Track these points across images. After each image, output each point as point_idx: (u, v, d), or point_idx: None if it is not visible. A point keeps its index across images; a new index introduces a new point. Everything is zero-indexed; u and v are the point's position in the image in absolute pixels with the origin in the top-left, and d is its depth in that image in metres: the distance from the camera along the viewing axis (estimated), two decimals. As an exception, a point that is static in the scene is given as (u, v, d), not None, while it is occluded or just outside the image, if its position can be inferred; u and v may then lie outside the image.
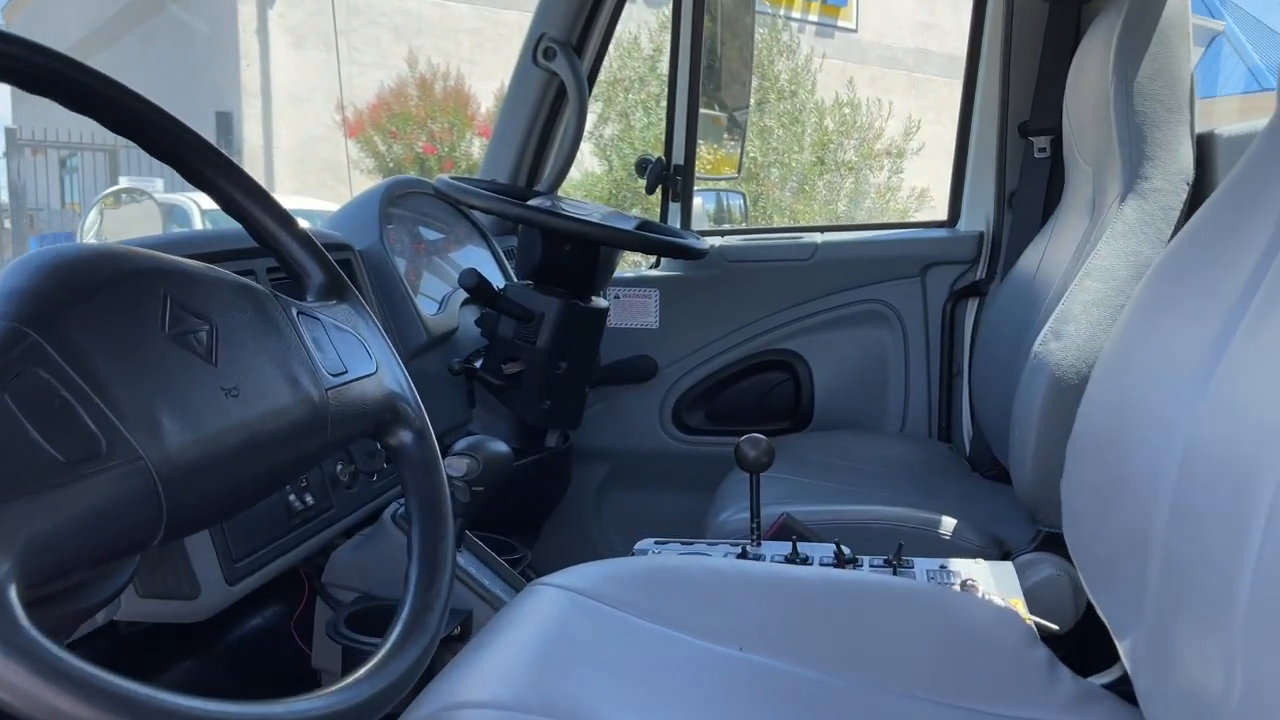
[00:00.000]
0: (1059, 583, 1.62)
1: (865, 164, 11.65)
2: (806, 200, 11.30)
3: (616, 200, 11.11)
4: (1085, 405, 0.86)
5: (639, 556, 1.17)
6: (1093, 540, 0.81)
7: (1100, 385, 0.83)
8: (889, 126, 11.88)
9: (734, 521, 1.72)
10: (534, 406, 1.93)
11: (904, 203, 11.95)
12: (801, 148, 11.17)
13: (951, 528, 1.65)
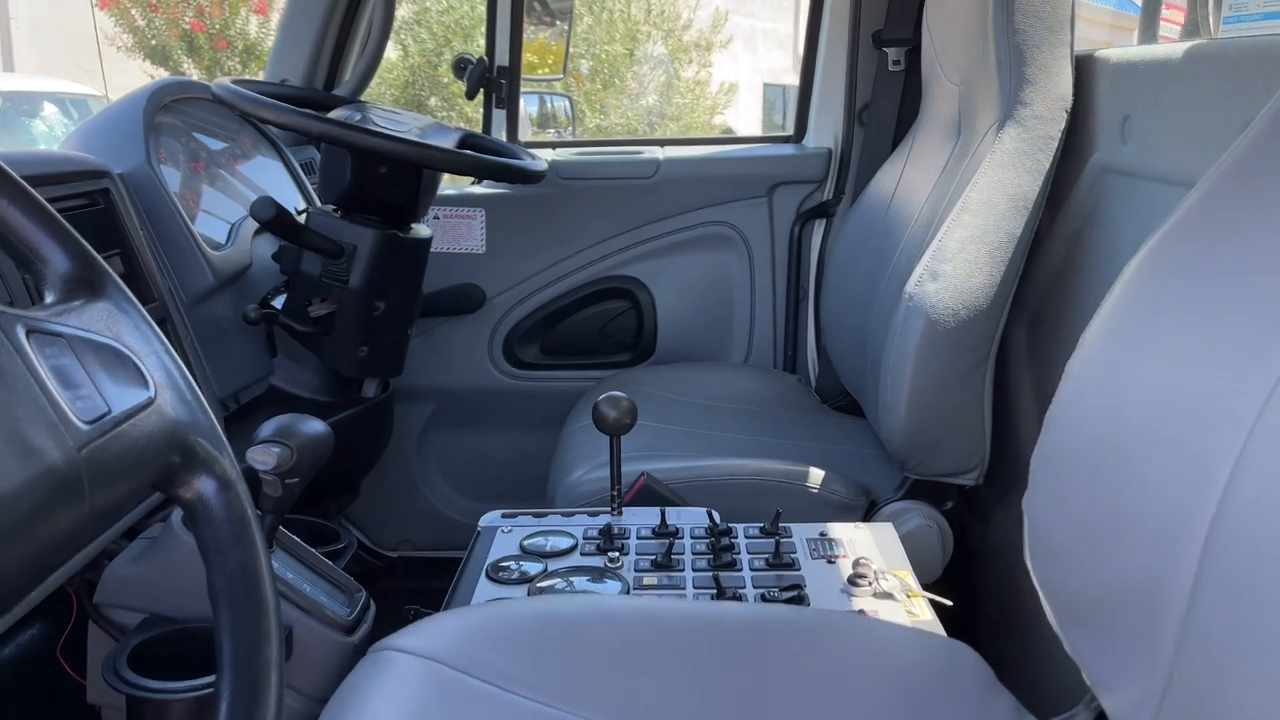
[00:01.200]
0: (929, 533, 1.55)
1: (675, 58, 11.41)
2: (617, 95, 11.00)
3: (413, 92, 10.43)
4: (1061, 412, 0.72)
5: (507, 603, 0.97)
6: (1073, 576, 0.68)
7: (1084, 393, 0.69)
8: (697, 18, 11.66)
9: (588, 484, 1.55)
10: (348, 354, 1.67)
11: (713, 98, 11.84)
12: (612, 38, 10.80)
13: (819, 480, 1.54)
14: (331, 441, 1.18)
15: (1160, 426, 0.61)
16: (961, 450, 1.53)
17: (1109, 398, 0.66)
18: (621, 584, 1.19)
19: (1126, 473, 0.62)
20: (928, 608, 1.14)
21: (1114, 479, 0.63)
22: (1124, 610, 0.63)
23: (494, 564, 1.25)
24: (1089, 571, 0.66)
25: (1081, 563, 0.67)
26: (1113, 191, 1.43)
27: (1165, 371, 0.62)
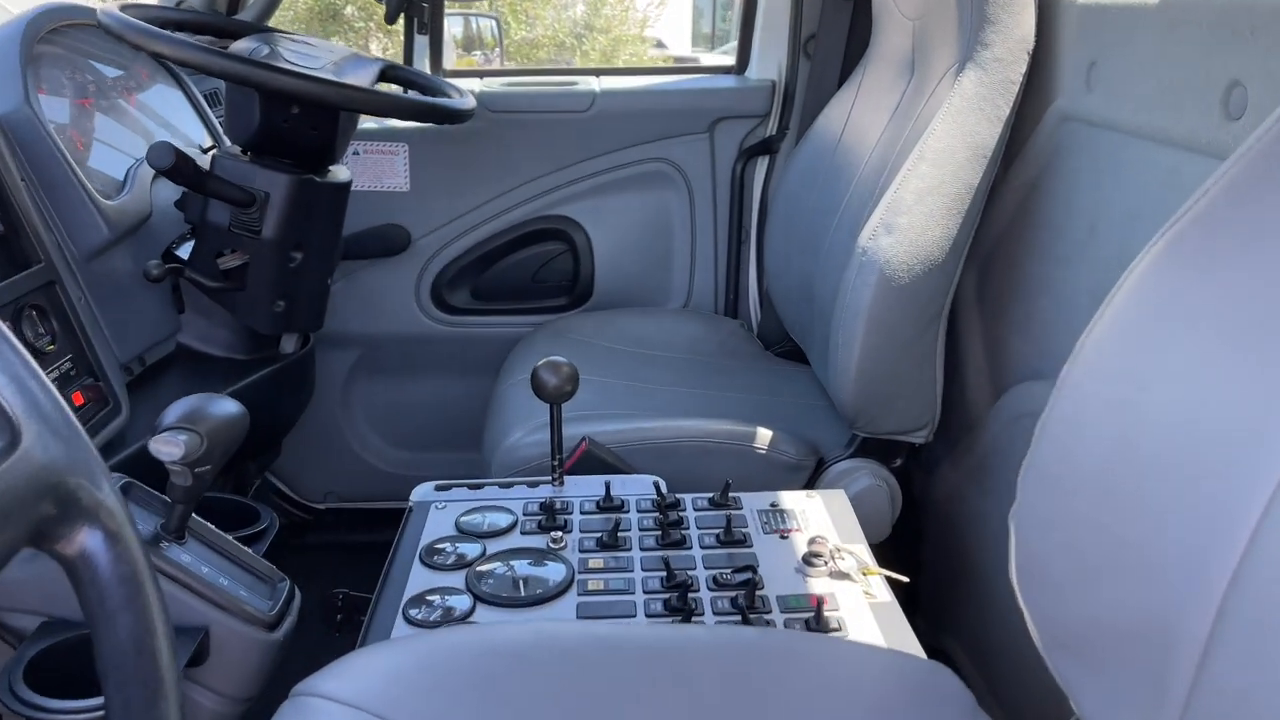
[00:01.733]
0: (878, 493, 1.51)
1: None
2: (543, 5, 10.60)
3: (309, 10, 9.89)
4: (1058, 426, 0.66)
5: (445, 635, 0.88)
6: (1066, 604, 0.63)
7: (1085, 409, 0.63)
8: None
9: (527, 448, 1.47)
10: (263, 310, 1.55)
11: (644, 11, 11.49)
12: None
13: (767, 440, 1.48)
14: (246, 423, 1.08)
15: (1177, 456, 0.55)
16: (913, 408, 1.49)
17: (1115, 417, 0.59)
18: (565, 566, 1.12)
19: (1135, 503, 0.57)
20: (885, 587, 1.09)
21: (1120, 508, 0.58)
22: (1125, 647, 0.58)
23: (428, 546, 1.17)
24: (1085, 602, 0.61)
25: (1077, 592, 0.61)
26: (1074, 140, 1.36)
27: (1184, 392, 0.56)
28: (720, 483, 1.43)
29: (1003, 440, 1.50)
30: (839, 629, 1.01)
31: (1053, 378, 1.40)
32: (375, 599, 1.10)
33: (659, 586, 1.09)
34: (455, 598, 1.07)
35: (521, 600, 1.06)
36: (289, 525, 2.21)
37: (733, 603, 1.05)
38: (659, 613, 1.04)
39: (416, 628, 1.03)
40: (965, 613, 1.69)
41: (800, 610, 1.04)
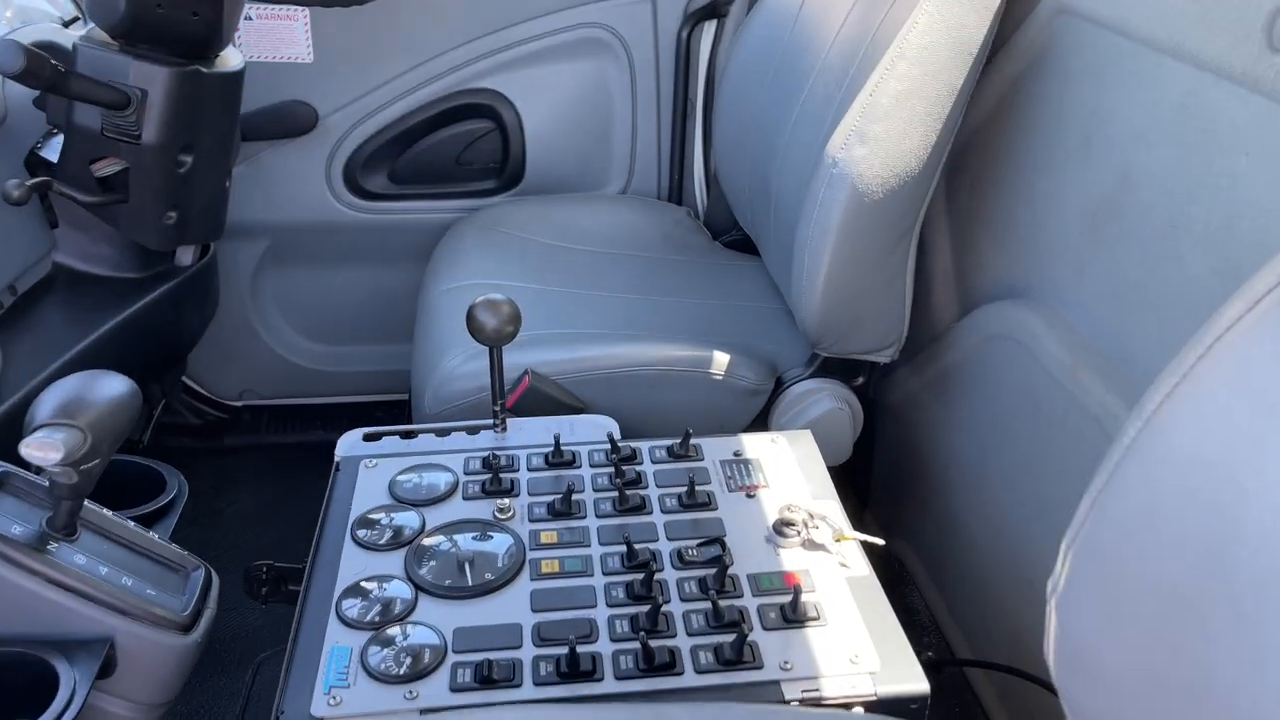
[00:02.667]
0: (839, 416, 1.43)
1: None
2: None
3: None
4: (1125, 500, 0.55)
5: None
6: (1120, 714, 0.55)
7: (1165, 483, 0.52)
8: None
9: (463, 379, 1.34)
10: (151, 224, 1.36)
11: None
12: None
13: (724, 366, 1.37)
14: (137, 402, 0.92)
15: None
16: (879, 328, 1.39)
17: (1202, 521, 0.49)
18: (514, 541, 1.02)
19: (1228, 632, 0.47)
20: (861, 557, 1.02)
21: (1206, 632, 0.48)
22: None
23: (361, 519, 1.05)
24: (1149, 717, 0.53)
25: (1137, 706, 0.53)
26: (1071, 38, 1.22)
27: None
28: (675, 414, 1.32)
29: (969, 357, 1.41)
30: (817, 617, 0.93)
31: (1029, 299, 1.31)
32: (304, 589, 0.98)
33: (619, 566, 0.99)
34: (394, 586, 0.97)
35: (468, 590, 0.96)
36: (204, 426, 2.06)
37: (701, 586, 0.97)
38: (622, 601, 0.95)
39: (352, 629, 0.92)
40: (917, 517, 1.66)
41: (774, 592, 0.96)
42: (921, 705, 0.88)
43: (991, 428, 1.36)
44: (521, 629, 0.92)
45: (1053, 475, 1.21)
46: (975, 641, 1.47)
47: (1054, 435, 1.20)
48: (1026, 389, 1.26)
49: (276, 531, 1.81)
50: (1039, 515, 1.24)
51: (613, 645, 0.90)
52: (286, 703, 0.86)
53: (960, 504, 1.47)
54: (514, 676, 0.87)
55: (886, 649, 0.91)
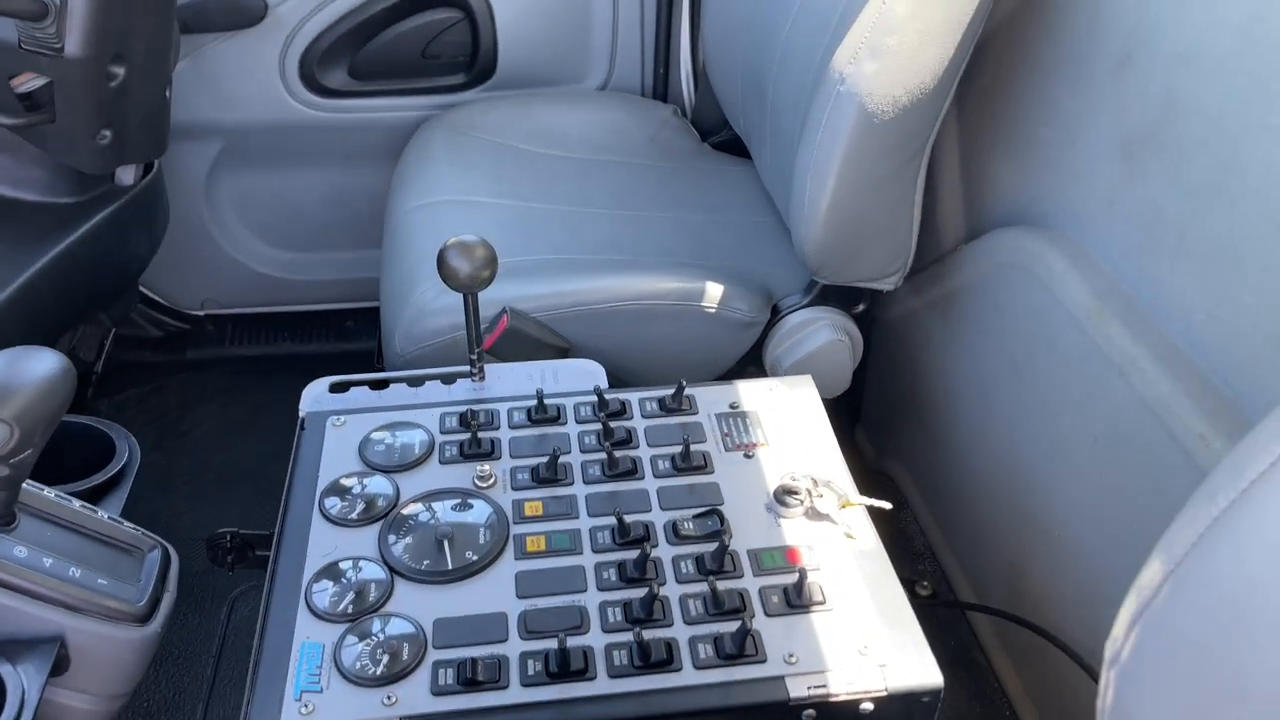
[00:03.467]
0: (839, 348, 1.35)
1: None
2: None
3: None
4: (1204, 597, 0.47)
5: None
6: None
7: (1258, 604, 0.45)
8: None
9: (435, 317, 1.24)
10: (83, 145, 1.23)
11: None
12: None
13: (718, 297, 1.28)
14: (70, 379, 0.83)
15: None
16: (884, 255, 1.29)
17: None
18: (496, 513, 0.95)
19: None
20: (868, 526, 0.95)
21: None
22: None
23: (331, 487, 0.98)
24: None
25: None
26: (1111, -64, 1.08)
27: None
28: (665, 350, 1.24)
29: (976, 283, 1.32)
30: (823, 601, 0.87)
31: (1048, 228, 1.21)
32: (271, 572, 0.91)
33: (610, 542, 0.92)
34: (367, 569, 0.90)
35: (448, 574, 0.89)
36: (166, 338, 1.96)
37: (698, 565, 0.90)
38: (614, 584, 0.88)
39: (324, 621, 0.86)
40: (912, 438, 1.60)
41: (777, 570, 0.90)
42: (934, 699, 0.83)
43: (999, 358, 1.28)
44: (507, 620, 0.85)
45: (1066, 416, 1.14)
46: (973, 573, 1.43)
47: (1070, 377, 1.12)
48: (1040, 324, 1.18)
49: (247, 453, 1.74)
50: (1048, 455, 1.18)
51: (605, 638, 0.84)
52: (255, 712, 0.79)
53: (961, 431, 1.40)
54: (500, 677, 0.81)
55: (897, 637, 0.85)
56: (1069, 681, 1.17)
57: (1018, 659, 1.32)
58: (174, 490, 1.67)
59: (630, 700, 0.80)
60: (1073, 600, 1.16)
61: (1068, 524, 1.15)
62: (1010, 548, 1.30)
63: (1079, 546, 1.14)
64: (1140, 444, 1.01)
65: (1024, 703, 1.29)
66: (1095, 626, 1.11)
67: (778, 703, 0.80)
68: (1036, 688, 1.27)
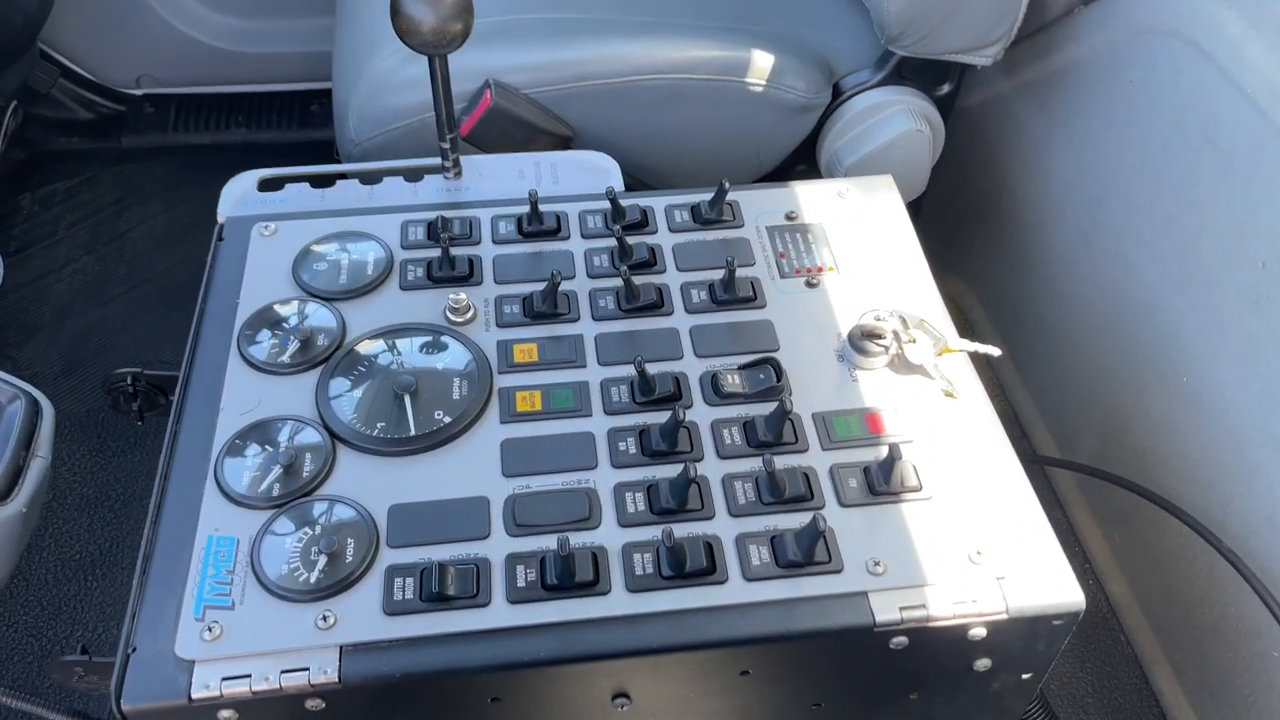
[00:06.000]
0: (917, 140, 1.07)
1: None
2: None
3: None
4: None
5: None
6: None
7: None
8: None
9: (397, 92, 0.96)
10: None
11: None
12: None
13: (764, 71, 0.99)
14: None
15: None
16: (984, 17, 0.99)
17: None
18: (473, 357, 0.70)
19: None
20: (975, 382, 0.71)
21: None
22: None
23: (254, 319, 0.73)
24: None
25: None
26: None
27: None
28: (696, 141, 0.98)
29: (1098, 57, 1.03)
30: (918, 486, 0.64)
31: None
32: (170, 434, 0.68)
33: (628, 401, 0.68)
34: (301, 433, 0.66)
35: (410, 441, 0.66)
36: (98, 121, 1.67)
37: (747, 434, 0.67)
38: (633, 459, 0.65)
39: (239, 507, 0.63)
40: (983, 251, 1.35)
41: (853, 443, 0.67)
42: (1068, 624, 0.61)
43: (1123, 156, 1.01)
44: (488, 507, 0.63)
45: (1220, 233, 0.88)
46: (1055, 417, 1.21)
47: (1236, 182, 0.86)
48: (1196, 110, 0.90)
49: (192, 260, 1.48)
50: (1185, 283, 0.93)
51: (623, 534, 0.62)
52: (141, 633, 0.58)
53: (1057, 248, 1.15)
54: (477, 590, 0.59)
55: (1021, 537, 0.63)
56: (1177, 555, 0.97)
57: (1108, 522, 1.11)
58: (110, 302, 1.43)
59: (657, 623, 0.58)
60: (1195, 463, 0.93)
61: (1202, 371, 0.91)
62: (1110, 393, 1.06)
63: (1214, 400, 0.90)
64: (1337, 276, 0.76)
65: (1113, 575, 1.09)
66: (1225, 497, 0.90)
67: (859, 628, 0.59)
68: (1132, 559, 1.07)
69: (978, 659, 0.63)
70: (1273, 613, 0.81)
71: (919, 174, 1.09)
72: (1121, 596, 1.09)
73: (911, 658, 0.61)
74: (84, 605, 1.13)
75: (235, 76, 1.68)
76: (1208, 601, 0.95)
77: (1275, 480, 0.84)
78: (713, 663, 0.60)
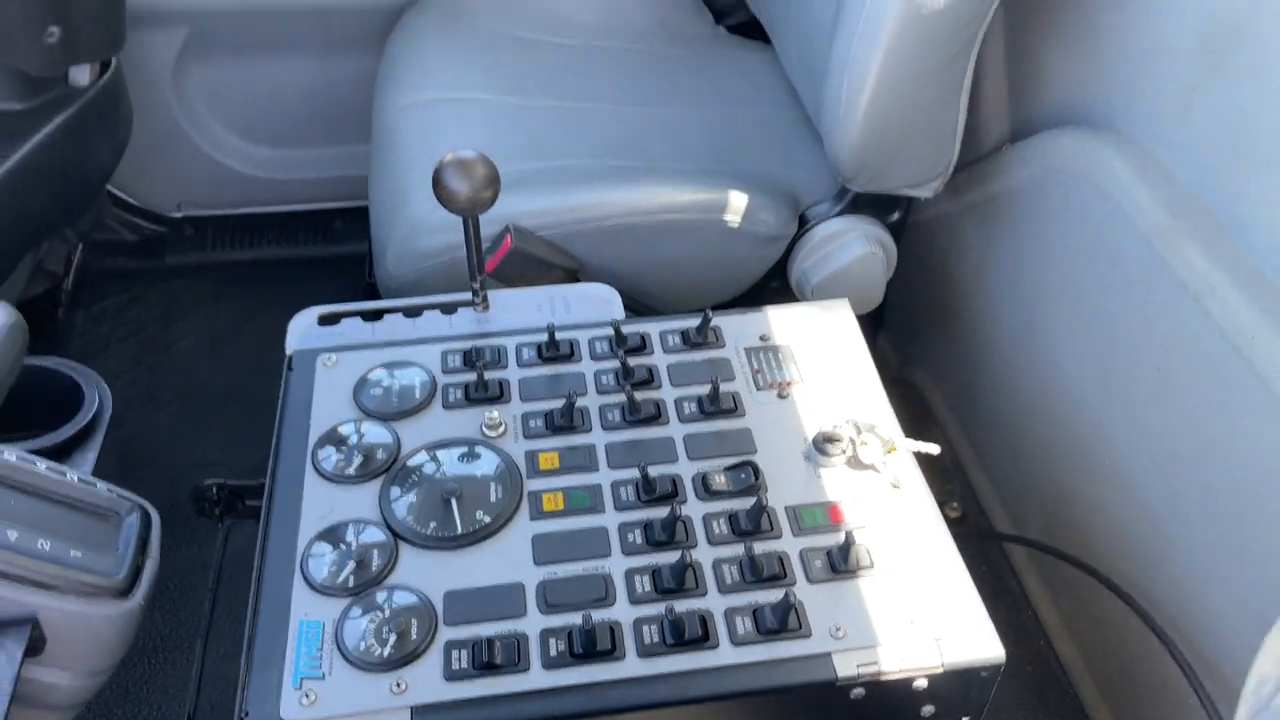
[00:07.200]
0: (872, 261, 1.24)
1: None
2: None
3: None
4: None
5: None
6: None
7: None
8: None
9: (432, 235, 1.13)
10: (30, 44, 1.09)
11: None
12: None
13: (740, 209, 1.16)
14: (20, 336, 0.73)
15: None
16: (925, 160, 1.17)
17: None
18: (507, 466, 0.86)
19: None
20: (916, 474, 0.87)
21: None
22: None
23: (325, 437, 0.88)
24: None
25: None
26: None
27: None
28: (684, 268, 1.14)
29: (1023, 188, 1.21)
30: (870, 564, 0.79)
31: (1113, 131, 1.08)
32: (262, 536, 0.83)
33: (634, 499, 0.84)
34: (368, 532, 0.81)
35: (458, 539, 0.81)
36: (142, 243, 1.84)
37: (732, 525, 0.82)
38: (640, 547, 0.80)
39: (323, 595, 0.78)
40: (941, 348, 1.51)
41: (819, 530, 0.82)
42: (993, 674, 0.76)
43: (1047, 271, 1.18)
44: (524, 591, 0.78)
45: (1125, 340, 1.04)
46: (1006, 495, 1.36)
47: (1133, 298, 1.02)
48: (1100, 238, 1.07)
49: (234, 367, 1.65)
50: (1101, 380, 1.09)
51: (633, 610, 0.77)
52: (251, 700, 0.72)
53: (1000, 345, 1.31)
54: (519, 659, 0.74)
55: (951, 604, 0.78)
56: (1114, 618, 1.11)
57: (1055, 590, 1.26)
58: (159, 409, 1.58)
59: (663, 683, 0.73)
60: (1122, 536, 1.09)
61: (1120, 456, 1.07)
62: (1051, 474, 1.22)
63: (1132, 480, 1.06)
64: (1214, 377, 0.92)
65: (1061, 636, 1.24)
66: (1149, 566, 1.05)
67: (824, 682, 0.73)
68: (1076, 621, 1.22)
69: (923, 706, 0.77)
70: (1180, 666, 0.95)
71: (876, 288, 1.26)
72: (1069, 655, 1.23)
73: (869, 706, 0.76)
74: (149, 686, 1.26)
75: (265, 199, 1.86)
76: (1139, 658, 1.09)
77: (1186, 551, 0.99)
78: (709, 714, 0.75)
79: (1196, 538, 0.96)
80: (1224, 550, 0.93)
